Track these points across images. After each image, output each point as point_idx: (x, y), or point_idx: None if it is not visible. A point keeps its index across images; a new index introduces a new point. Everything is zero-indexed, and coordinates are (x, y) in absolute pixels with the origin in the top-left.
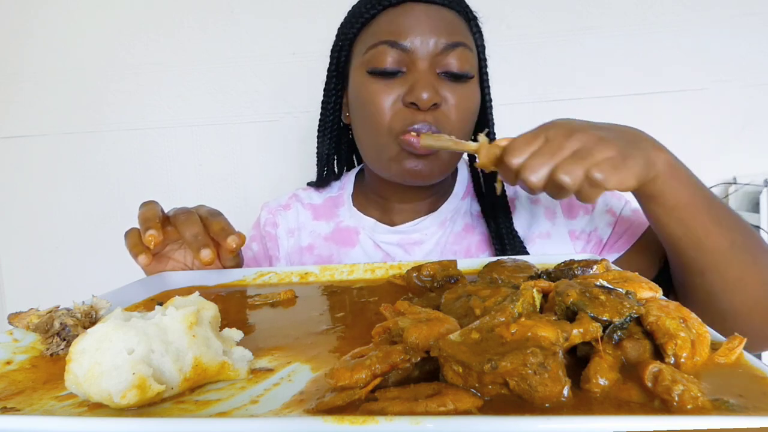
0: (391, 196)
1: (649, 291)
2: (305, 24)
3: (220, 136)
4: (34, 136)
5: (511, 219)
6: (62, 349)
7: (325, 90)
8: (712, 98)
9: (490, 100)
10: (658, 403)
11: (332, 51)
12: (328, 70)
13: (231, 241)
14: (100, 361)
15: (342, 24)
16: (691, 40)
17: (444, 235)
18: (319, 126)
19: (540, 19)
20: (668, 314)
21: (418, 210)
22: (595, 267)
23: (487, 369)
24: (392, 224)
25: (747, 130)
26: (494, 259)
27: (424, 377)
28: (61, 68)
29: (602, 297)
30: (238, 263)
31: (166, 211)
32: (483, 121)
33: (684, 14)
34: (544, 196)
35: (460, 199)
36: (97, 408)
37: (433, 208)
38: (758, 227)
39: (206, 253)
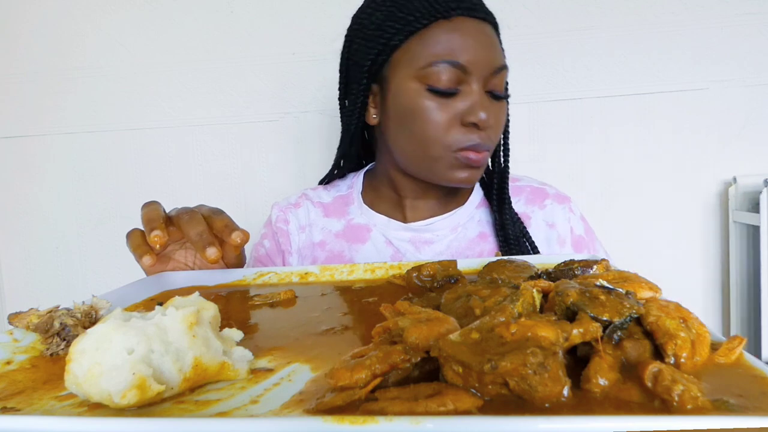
0: (408, 193)
1: (649, 291)
2: (305, 24)
3: (220, 136)
4: (34, 136)
5: (528, 233)
6: (62, 349)
7: (353, 91)
8: (712, 98)
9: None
10: (658, 403)
11: (364, 52)
12: (358, 72)
13: (236, 237)
14: (100, 361)
15: (376, 25)
16: (691, 40)
17: (456, 240)
18: (345, 126)
19: (539, 19)
20: (668, 314)
21: (430, 207)
22: (595, 267)
23: (487, 369)
24: (404, 221)
25: (747, 130)
26: (494, 259)
27: (424, 377)
28: (61, 68)
29: (602, 297)
30: (241, 261)
31: (167, 211)
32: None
33: (683, 14)
34: (559, 223)
35: (475, 207)
36: (97, 408)
37: (444, 209)
38: (758, 227)
39: (212, 251)
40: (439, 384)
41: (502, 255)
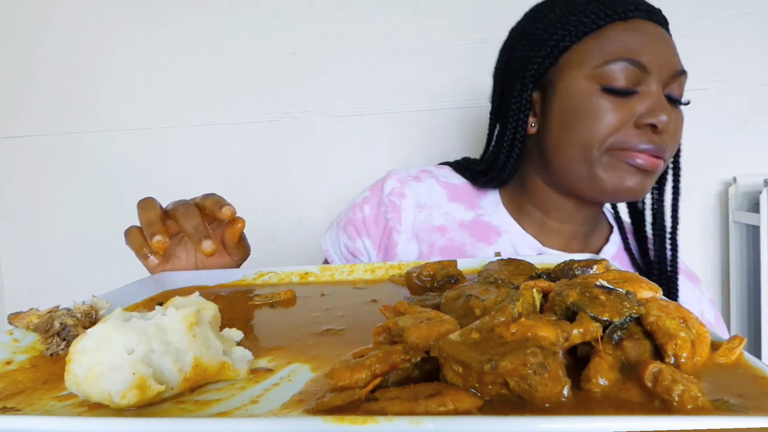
0: (552, 212)
1: (649, 291)
2: (305, 24)
3: (220, 136)
4: (34, 136)
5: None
6: (62, 349)
7: (516, 96)
8: (712, 98)
9: None
10: (658, 403)
11: (529, 57)
12: (521, 78)
13: (225, 211)
14: (100, 361)
15: (542, 29)
16: (691, 40)
17: None
18: (508, 137)
19: None
20: (668, 314)
21: (570, 236)
22: (595, 267)
23: (487, 369)
24: (538, 238)
25: (747, 130)
26: (494, 259)
27: (424, 377)
28: (60, 68)
29: (602, 297)
30: (244, 249)
31: (163, 206)
32: None
33: (683, 14)
34: (690, 302)
35: (611, 258)
36: (97, 408)
37: (580, 244)
38: (758, 227)
39: (207, 244)
40: (439, 384)
41: None
